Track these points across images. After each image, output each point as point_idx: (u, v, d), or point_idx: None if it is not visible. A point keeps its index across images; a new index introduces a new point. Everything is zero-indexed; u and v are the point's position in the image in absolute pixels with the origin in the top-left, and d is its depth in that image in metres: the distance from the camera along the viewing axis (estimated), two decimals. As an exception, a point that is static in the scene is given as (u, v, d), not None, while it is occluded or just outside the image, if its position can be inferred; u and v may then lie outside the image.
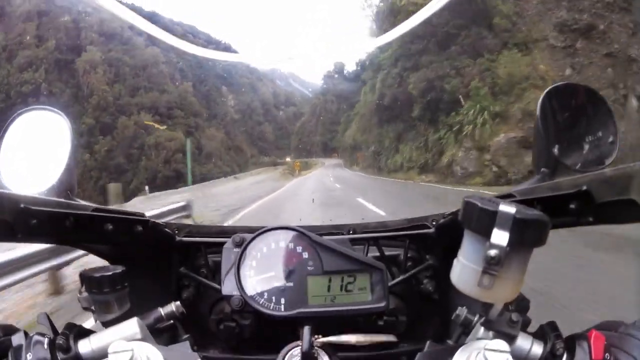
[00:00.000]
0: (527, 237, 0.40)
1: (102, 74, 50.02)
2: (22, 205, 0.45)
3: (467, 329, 0.55)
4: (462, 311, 0.55)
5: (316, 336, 0.60)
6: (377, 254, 0.79)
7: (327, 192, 15.97)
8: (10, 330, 0.48)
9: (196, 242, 0.81)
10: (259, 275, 0.66)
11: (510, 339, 0.47)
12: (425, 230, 0.81)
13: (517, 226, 0.39)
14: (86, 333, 0.53)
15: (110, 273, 0.54)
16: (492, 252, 0.40)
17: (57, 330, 0.51)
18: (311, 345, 0.55)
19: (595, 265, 4.32)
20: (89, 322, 0.61)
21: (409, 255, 0.82)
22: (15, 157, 0.66)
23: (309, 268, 0.67)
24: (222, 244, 0.71)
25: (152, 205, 11.43)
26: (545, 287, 3.36)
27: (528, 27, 17.54)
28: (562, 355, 0.46)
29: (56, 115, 0.67)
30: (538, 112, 0.61)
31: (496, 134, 16.02)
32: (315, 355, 0.56)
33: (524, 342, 0.48)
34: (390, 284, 0.72)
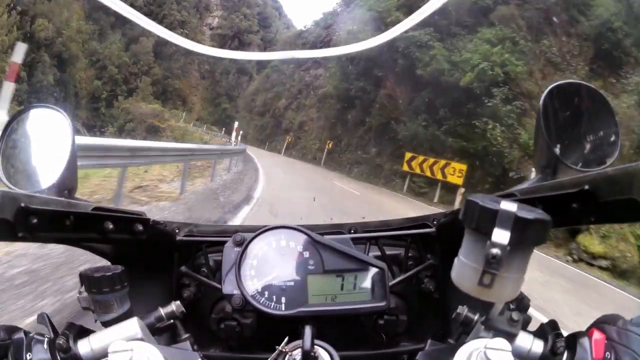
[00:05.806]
0: (528, 236, 0.40)
1: None
2: (22, 204, 0.45)
3: (467, 327, 0.55)
4: (462, 310, 0.55)
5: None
6: (378, 253, 0.79)
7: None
8: (11, 330, 0.48)
9: (197, 241, 0.81)
10: (260, 274, 0.66)
11: (511, 338, 0.47)
12: (426, 230, 0.81)
13: (518, 225, 0.39)
14: (86, 333, 0.53)
15: (110, 273, 0.54)
16: (493, 251, 0.40)
17: (57, 330, 0.51)
18: (312, 345, 0.55)
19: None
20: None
21: (410, 254, 0.82)
22: (15, 156, 0.66)
23: (309, 267, 0.67)
24: (223, 243, 0.71)
25: None
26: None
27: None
28: (562, 354, 0.46)
29: (57, 113, 0.67)
30: (540, 110, 0.61)
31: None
32: (316, 354, 0.56)
33: (524, 340, 0.48)
34: (391, 283, 0.72)
